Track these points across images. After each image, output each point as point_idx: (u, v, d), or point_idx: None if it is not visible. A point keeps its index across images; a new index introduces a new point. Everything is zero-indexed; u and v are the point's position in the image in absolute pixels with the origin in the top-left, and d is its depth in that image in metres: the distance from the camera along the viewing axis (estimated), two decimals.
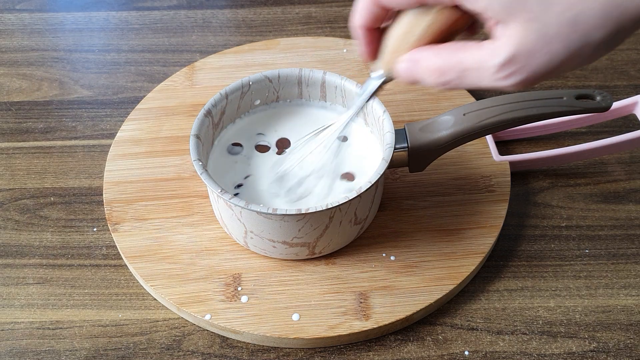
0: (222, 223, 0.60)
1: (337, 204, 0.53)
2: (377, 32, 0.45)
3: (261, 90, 0.63)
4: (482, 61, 0.38)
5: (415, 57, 0.43)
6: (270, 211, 0.52)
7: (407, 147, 0.57)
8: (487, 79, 0.38)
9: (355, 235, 0.60)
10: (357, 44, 0.46)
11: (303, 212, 0.52)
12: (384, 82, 0.48)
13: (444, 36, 0.43)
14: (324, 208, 0.53)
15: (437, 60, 0.41)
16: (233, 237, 0.60)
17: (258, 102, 0.63)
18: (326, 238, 0.57)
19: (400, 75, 0.44)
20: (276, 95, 0.64)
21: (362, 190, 0.53)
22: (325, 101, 0.64)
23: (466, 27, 0.43)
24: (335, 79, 0.61)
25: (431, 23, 0.42)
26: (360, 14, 0.44)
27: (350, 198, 0.53)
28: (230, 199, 0.53)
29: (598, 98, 0.57)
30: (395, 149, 0.56)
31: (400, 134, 0.57)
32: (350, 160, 0.61)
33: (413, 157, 0.58)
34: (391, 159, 0.55)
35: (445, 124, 0.57)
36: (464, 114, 0.57)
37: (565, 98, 0.57)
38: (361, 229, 0.60)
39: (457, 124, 0.57)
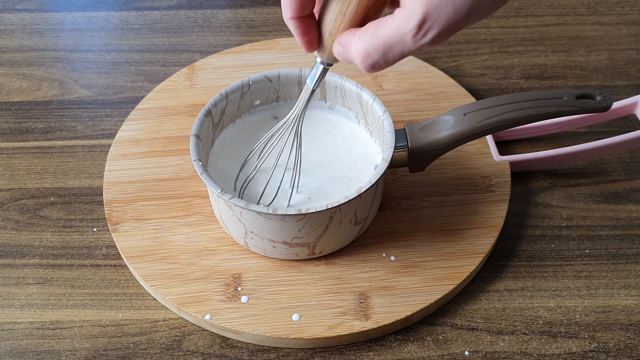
0: (222, 223, 0.60)
1: (337, 204, 0.53)
2: (310, 20, 0.45)
3: (261, 90, 0.62)
4: (400, 31, 0.40)
5: (344, 41, 0.44)
6: (270, 211, 0.52)
7: (407, 147, 0.57)
8: (409, 45, 0.40)
9: (356, 235, 0.60)
10: (295, 36, 0.46)
11: (303, 212, 0.52)
12: (327, 68, 0.49)
13: (376, 10, 0.43)
14: (324, 208, 0.53)
15: (360, 43, 0.42)
16: (233, 237, 0.60)
17: (258, 102, 0.63)
18: (326, 238, 0.57)
19: (338, 58, 0.46)
20: (276, 95, 0.64)
21: (362, 190, 0.53)
22: (325, 101, 0.64)
23: None
24: (335, 79, 0.61)
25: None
26: (287, 5, 0.44)
27: (350, 198, 0.53)
28: (230, 199, 0.53)
29: (598, 98, 0.57)
30: (395, 148, 0.56)
31: (400, 134, 0.57)
32: (350, 160, 0.61)
33: (413, 157, 0.58)
34: (391, 159, 0.55)
35: (446, 124, 0.57)
36: (464, 114, 0.57)
37: (565, 98, 0.57)
38: (361, 229, 0.60)
39: (457, 124, 0.57)
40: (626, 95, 0.73)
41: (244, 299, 0.57)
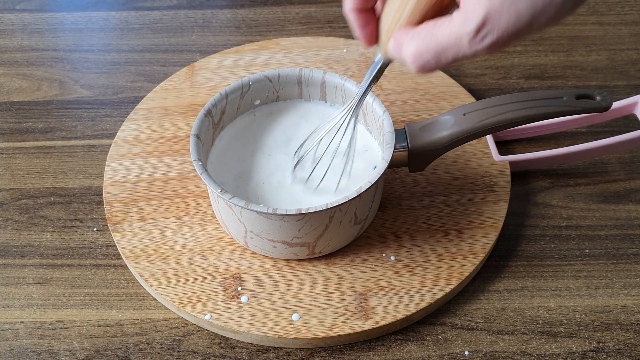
0: (222, 223, 0.60)
1: (337, 203, 0.53)
2: (370, 14, 0.45)
3: (261, 90, 0.63)
4: (457, 33, 0.39)
5: (398, 39, 0.42)
6: (270, 211, 0.52)
7: (407, 147, 0.57)
8: (464, 49, 0.39)
9: (356, 235, 0.60)
10: (353, 29, 0.45)
11: (303, 212, 0.52)
12: (385, 64, 0.48)
13: (436, 10, 0.42)
14: (324, 208, 0.53)
15: (413, 43, 0.41)
16: (233, 237, 0.60)
17: (258, 102, 0.63)
18: (326, 238, 0.57)
19: (392, 57, 0.44)
20: (276, 95, 0.64)
21: (362, 190, 0.53)
22: (326, 101, 0.64)
23: None
24: (335, 79, 0.61)
25: None
26: None
27: (350, 198, 0.53)
28: (230, 199, 0.53)
29: (598, 98, 0.57)
30: (395, 149, 0.56)
31: (400, 134, 0.57)
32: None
33: (413, 157, 0.58)
34: (391, 159, 0.55)
35: (445, 124, 0.57)
36: (464, 114, 0.57)
37: (565, 98, 0.57)
38: (361, 228, 0.60)
39: (457, 124, 0.57)
40: (626, 95, 0.73)
41: (243, 298, 0.57)
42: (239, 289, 0.58)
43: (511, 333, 0.57)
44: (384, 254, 0.60)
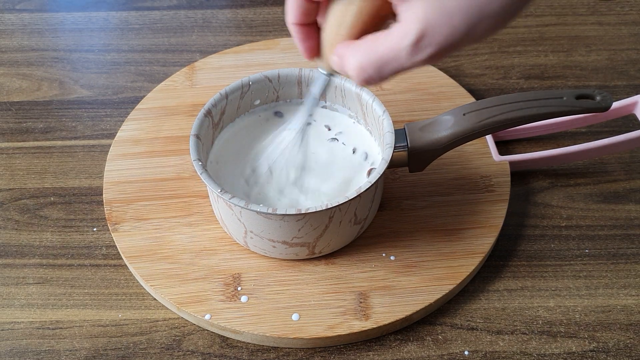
0: (222, 223, 0.60)
1: (337, 203, 0.53)
2: (311, 28, 0.45)
3: (261, 90, 0.63)
4: (396, 47, 0.39)
5: (340, 53, 0.43)
6: (270, 211, 0.52)
7: (407, 147, 0.57)
8: (403, 62, 0.40)
9: (355, 235, 0.60)
10: (295, 42, 0.46)
11: (303, 212, 0.52)
12: (331, 75, 0.48)
13: (375, 22, 0.43)
14: (324, 208, 0.53)
15: (355, 58, 0.42)
16: (233, 237, 0.60)
17: (258, 102, 0.63)
18: (326, 238, 0.57)
19: (335, 69, 0.45)
20: (276, 95, 0.64)
21: (362, 190, 0.53)
22: (325, 101, 0.64)
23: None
24: (335, 79, 0.61)
25: (358, 10, 0.42)
26: (291, 10, 0.44)
27: (350, 198, 0.53)
28: (230, 199, 0.53)
29: (598, 98, 0.57)
30: (395, 148, 0.56)
31: (400, 134, 0.57)
32: (350, 161, 0.61)
33: (413, 157, 0.58)
34: (391, 159, 0.55)
35: (445, 124, 0.57)
36: (463, 114, 0.57)
37: (565, 98, 0.57)
38: (361, 228, 0.60)
39: (457, 124, 0.57)
40: (626, 95, 0.73)
41: (243, 298, 0.57)
42: (239, 289, 0.58)
43: (511, 333, 0.57)
44: (384, 254, 0.60)
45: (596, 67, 0.78)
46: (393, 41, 0.39)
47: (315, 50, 0.46)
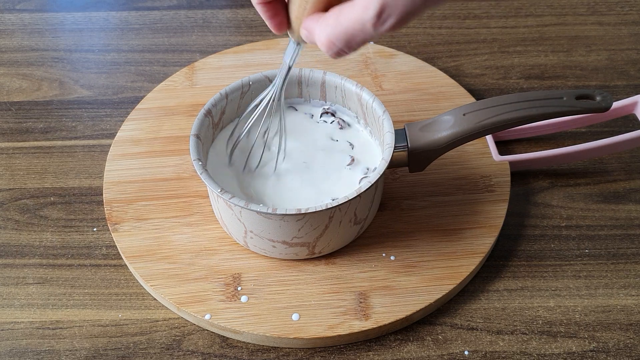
0: (222, 223, 0.60)
1: (337, 203, 0.53)
2: (277, 4, 0.47)
3: (261, 90, 0.62)
4: (360, 20, 0.41)
5: (309, 27, 0.45)
6: (270, 211, 0.52)
7: (407, 147, 0.57)
8: (369, 33, 0.41)
9: (355, 235, 0.60)
10: (264, 19, 0.47)
11: (303, 211, 0.53)
12: (300, 45, 0.50)
13: None
14: (324, 208, 0.53)
15: (323, 32, 0.43)
16: (233, 237, 0.60)
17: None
18: (326, 238, 0.57)
19: (305, 42, 0.46)
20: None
21: (362, 190, 0.53)
22: (325, 101, 0.64)
23: None
24: (335, 79, 0.61)
25: None
26: None
27: (350, 198, 0.53)
28: (230, 199, 0.53)
29: (598, 98, 0.57)
30: (395, 148, 0.56)
31: (400, 134, 0.57)
32: (349, 160, 0.61)
33: (413, 157, 0.58)
34: (391, 159, 0.55)
35: (445, 124, 0.57)
36: (463, 114, 0.57)
37: (565, 98, 0.57)
38: (361, 228, 0.60)
39: (457, 124, 0.57)
40: (626, 95, 0.73)
41: (243, 298, 0.57)
42: (239, 289, 0.58)
43: (511, 333, 0.57)
44: (384, 254, 0.60)
45: (596, 67, 0.78)
46: (357, 14, 0.41)
47: (284, 24, 0.48)
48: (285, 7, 0.47)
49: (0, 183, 0.68)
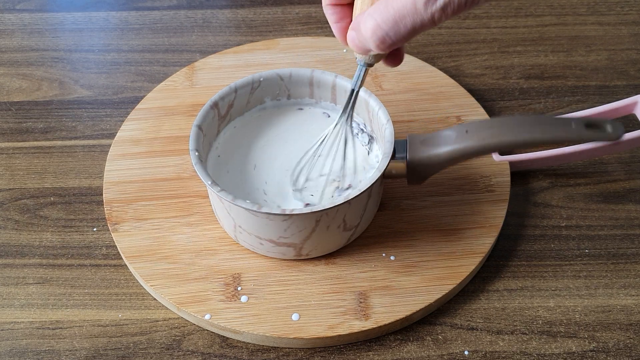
0: (216, 215, 0.61)
1: (323, 208, 0.52)
2: (347, 9, 0.45)
3: (272, 88, 0.63)
4: (411, 0, 0.39)
5: (357, 21, 0.42)
6: (255, 208, 0.52)
7: (406, 158, 0.56)
8: (421, 14, 0.39)
9: (345, 241, 0.59)
10: (330, 24, 0.45)
11: (287, 212, 0.52)
12: (368, 66, 0.48)
13: None
14: (308, 211, 0.52)
15: (370, 19, 0.41)
16: (224, 228, 0.60)
17: (268, 98, 0.64)
18: (313, 241, 0.57)
19: (351, 47, 0.44)
20: (287, 94, 0.64)
21: (350, 197, 0.53)
22: (336, 104, 0.64)
23: None
24: (346, 83, 0.61)
25: None
26: None
27: (337, 204, 0.53)
28: (219, 192, 0.53)
29: (609, 128, 0.51)
30: (394, 159, 0.55)
31: (401, 145, 0.56)
32: (352, 168, 0.61)
33: (411, 169, 0.57)
34: (389, 170, 0.55)
35: (447, 140, 0.55)
36: (466, 131, 0.54)
37: (574, 125, 0.51)
38: (351, 235, 0.59)
39: (458, 141, 0.54)
40: (626, 95, 0.73)
41: (243, 298, 0.57)
42: (239, 289, 0.58)
43: (511, 333, 0.57)
44: (384, 254, 0.60)
45: (596, 67, 0.78)
46: None
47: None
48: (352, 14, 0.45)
49: (0, 183, 0.68)
